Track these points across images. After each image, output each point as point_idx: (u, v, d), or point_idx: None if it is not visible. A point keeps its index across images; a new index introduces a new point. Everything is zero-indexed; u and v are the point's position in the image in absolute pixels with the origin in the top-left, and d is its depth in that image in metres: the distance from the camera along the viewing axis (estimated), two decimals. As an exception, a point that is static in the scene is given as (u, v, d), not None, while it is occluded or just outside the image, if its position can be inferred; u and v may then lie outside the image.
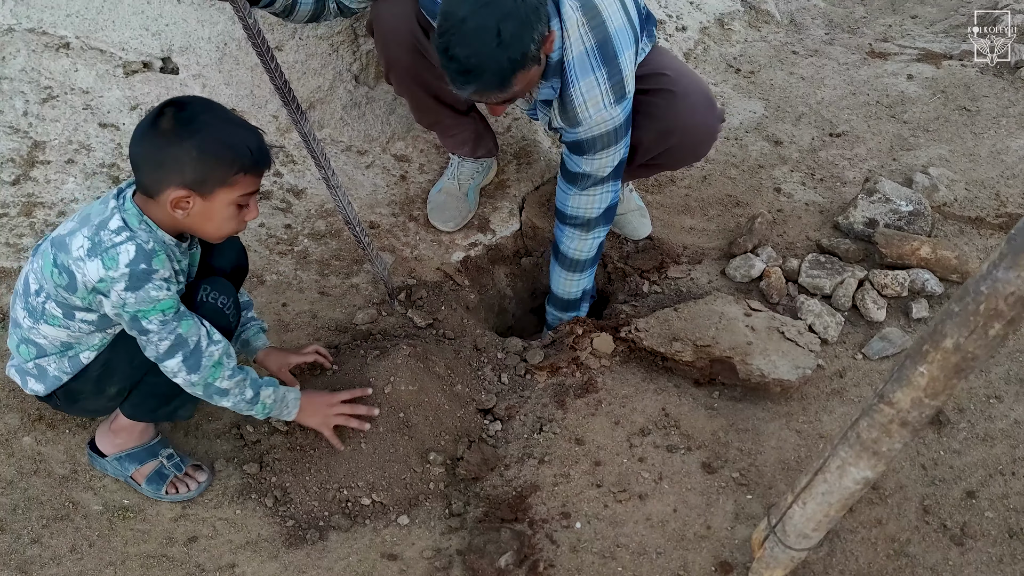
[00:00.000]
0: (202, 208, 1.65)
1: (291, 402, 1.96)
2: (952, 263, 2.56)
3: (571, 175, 2.29)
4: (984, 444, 2.17)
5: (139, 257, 1.61)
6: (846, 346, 2.45)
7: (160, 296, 1.64)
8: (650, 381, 2.36)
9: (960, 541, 1.96)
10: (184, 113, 1.59)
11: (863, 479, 1.47)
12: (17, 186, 2.38)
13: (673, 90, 2.23)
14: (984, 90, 3.61)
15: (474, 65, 1.82)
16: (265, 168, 1.71)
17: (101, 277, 1.60)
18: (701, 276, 2.70)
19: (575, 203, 2.34)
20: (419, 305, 2.54)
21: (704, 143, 2.40)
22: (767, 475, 2.11)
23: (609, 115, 2.11)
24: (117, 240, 1.61)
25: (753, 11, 4.25)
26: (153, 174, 1.61)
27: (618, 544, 1.95)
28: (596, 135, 2.15)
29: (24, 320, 1.77)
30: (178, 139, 1.57)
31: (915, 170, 3.09)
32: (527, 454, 2.17)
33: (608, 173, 2.26)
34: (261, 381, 1.89)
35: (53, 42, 2.44)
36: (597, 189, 2.30)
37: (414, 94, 2.46)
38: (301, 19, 2.22)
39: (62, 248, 1.64)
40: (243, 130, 1.66)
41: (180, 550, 1.89)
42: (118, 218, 1.63)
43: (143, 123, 1.60)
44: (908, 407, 1.29)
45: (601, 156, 2.21)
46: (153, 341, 1.69)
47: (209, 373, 1.77)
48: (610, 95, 2.08)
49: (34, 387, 1.86)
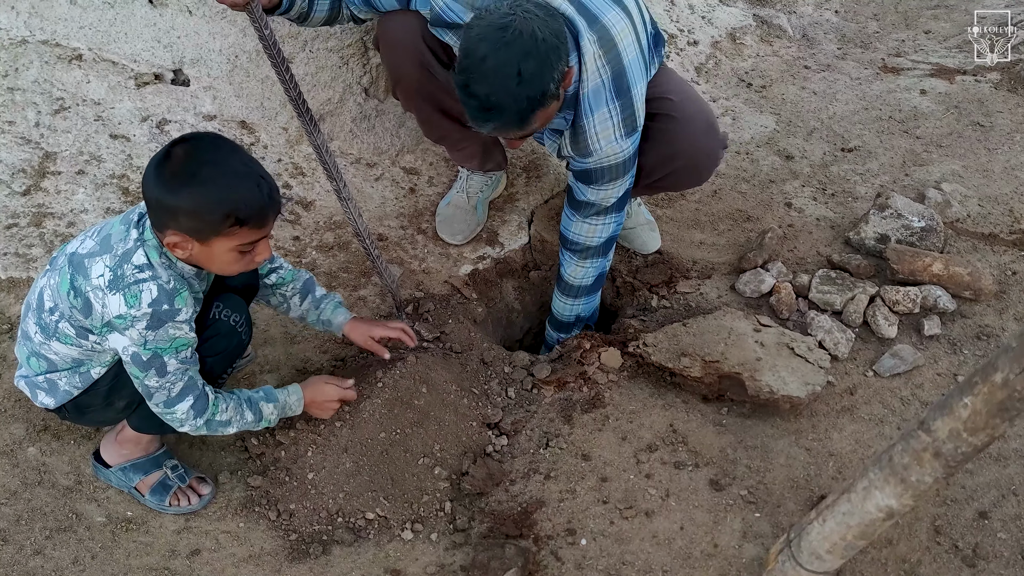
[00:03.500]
0: (201, 251, 1.64)
1: (294, 405, 1.99)
2: (965, 280, 2.53)
3: (576, 202, 2.31)
4: (997, 464, 2.14)
5: (161, 297, 1.62)
6: (857, 363, 2.43)
7: (178, 334, 1.66)
8: (658, 396, 2.34)
9: (972, 563, 1.93)
10: (188, 160, 1.56)
11: (886, 507, 1.44)
12: (28, 196, 2.39)
13: (675, 115, 2.23)
14: (998, 105, 3.58)
15: (494, 104, 1.82)
16: (266, 220, 1.66)
17: (121, 314, 1.60)
18: (710, 291, 2.68)
19: (577, 230, 2.36)
20: (426, 318, 2.53)
21: (706, 169, 2.40)
22: (776, 493, 2.08)
23: (620, 148, 2.12)
24: (140, 277, 1.61)
25: (765, 25, 4.25)
26: (155, 215, 1.62)
27: (624, 562, 1.93)
28: (605, 167, 2.17)
29: (35, 335, 1.77)
30: (177, 188, 1.55)
31: (928, 185, 3.06)
32: (533, 469, 2.15)
33: (612, 203, 2.28)
34: (257, 397, 1.91)
35: (66, 54, 2.45)
36: (599, 219, 2.32)
37: (421, 109, 2.46)
38: (316, 24, 2.25)
39: (80, 270, 1.64)
40: (247, 182, 1.60)
41: (183, 563, 1.88)
42: (142, 253, 1.63)
43: (153, 161, 1.59)
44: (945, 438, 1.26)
45: (608, 187, 2.23)
46: (165, 386, 1.70)
47: (211, 412, 1.80)
48: (622, 128, 2.09)
49: (44, 400, 1.86)
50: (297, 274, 2.13)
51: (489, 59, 1.78)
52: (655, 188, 2.51)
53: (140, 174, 2.47)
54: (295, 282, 2.11)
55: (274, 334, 2.42)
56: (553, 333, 2.67)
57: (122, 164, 2.51)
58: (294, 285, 2.11)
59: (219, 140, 1.65)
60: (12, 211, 2.37)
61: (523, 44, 1.77)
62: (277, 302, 2.14)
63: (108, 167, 2.49)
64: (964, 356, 2.42)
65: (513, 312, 2.88)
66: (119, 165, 2.51)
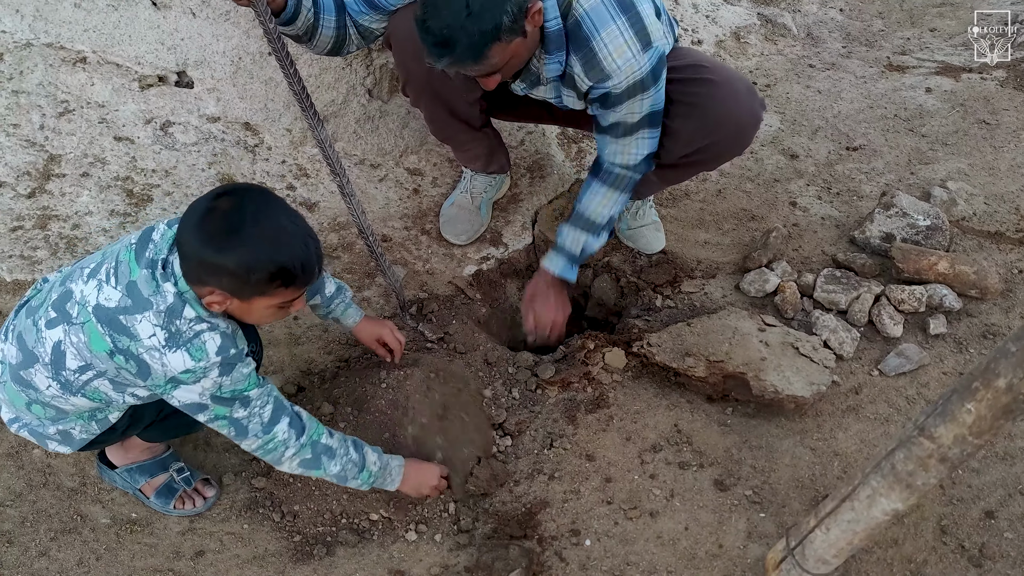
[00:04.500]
0: (239, 307, 1.58)
1: (394, 471, 1.92)
2: (971, 278, 2.52)
3: (602, 128, 2.22)
4: (1003, 463, 2.13)
5: (226, 343, 1.57)
6: (862, 362, 2.42)
7: (249, 370, 1.63)
8: (662, 396, 2.33)
9: (978, 562, 1.92)
10: (232, 217, 1.48)
11: (892, 510, 1.44)
12: (33, 199, 2.40)
13: (713, 79, 2.17)
14: (1004, 103, 3.57)
15: (446, 36, 1.79)
16: (310, 282, 1.61)
17: (189, 368, 1.54)
18: (715, 291, 2.67)
19: (611, 151, 2.26)
20: (430, 319, 2.53)
21: (748, 131, 2.29)
22: (781, 493, 2.08)
23: (638, 64, 2.01)
24: (198, 329, 1.55)
25: (770, 24, 4.23)
26: (195, 271, 1.53)
27: (628, 562, 1.92)
28: (625, 87, 2.06)
29: (48, 389, 1.64)
30: (223, 248, 1.48)
31: (933, 184, 3.05)
32: (537, 470, 2.15)
33: (640, 120, 2.16)
34: (362, 443, 1.84)
35: (70, 56, 2.45)
36: (633, 138, 2.21)
37: (430, 107, 2.45)
38: (322, 48, 2.19)
39: (120, 331, 1.54)
40: (296, 241, 1.54)
41: (187, 564, 1.89)
42: (189, 308, 1.55)
43: (195, 213, 1.50)
44: (950, 443, 1.26)
45: (634, 104, 2.11)
46: (255, 411, 1.65)
47: (313, 430, 1.74)
48: (636, 42, 1.99)
49: (58, 448, 1.78)
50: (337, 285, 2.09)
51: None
52: (691, 165, 2.40)
53: (144, 176, 2.48)
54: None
55: (278, 335, 2.42)
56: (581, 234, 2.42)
57: (126, 166, 2.51)
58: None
59: (264, 195, 1.56)
60: (17, 213, 2.37)
61: None
62: None
63: (113, 169, 2.50)
64: (970, 355, 2.41)
65: (517, 313, 2.88)
66: (123, 167, 2.51)
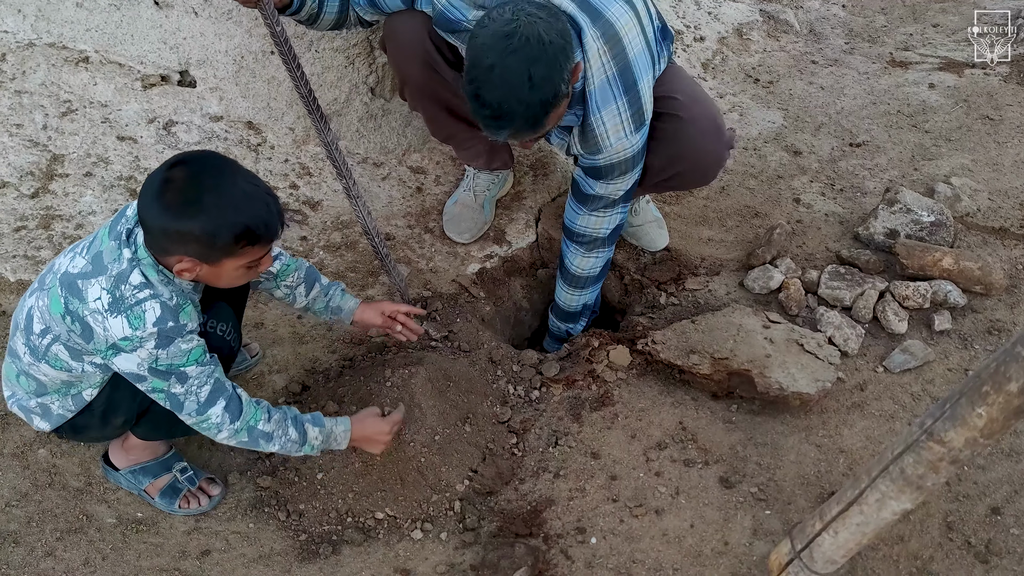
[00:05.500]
0: (209, 271, 1.63)
1: (340, 436, 1.91)
2: (975, 274, 2.51)
3: (584, 196, 2.30)
4: (1009, 459, 2.12)
5: (165, 315, 1.59)
6: (867, 359, 2.41)
7: (190, 347, 1.63)
8: (667, 394, 2.33)
9: (985, 559, 1.91)
10: (189, 185, 1.52)
11: (902, 511, 1.44)
12: (36, 199, 2.40)
13: (681, 116, 2.22)
14: (1007, 98, 3.56)
15: (506, 111, 1.81)
16: (274, 239, 1.65)
17: (127, 336, 1.57)
18: (719, 288, 2.67)
19: (584, 222, 2.36)
20: (434, 317, 2.53)
21: (711, 169, 2.39)
22: (786, 490, 2.08)
23: (629, 143, 2.12)
24: (141, 297, 1.57)
25: (772, 21, 4.23)
26: (160, 242, 1.58)
27: (634, 560, 1.92)
28: (615, 162, 2.16)
29: (24, 356, 1.74)
30: (181, 217, 1.52)
31: (937, 180, 3.05)
32: (542, 468, 2.15)
33: (620, 196, 2.28)
34: (302, 419, 1.85)
35: (73, 56, 2.45)
36: (608, 211, 2.32)
37: (428, 109, 2.46)
38: (325, 27, 2.26)
39: (74, 293, 1.60)
40: (252, 202, 1.58)
41: (193, 564, 1.89)
42: (138, 273, 1.59)
43: (151, 185, 1.54)
44: (961, 446, 1.26)
45: (617, 181, 2.23)
46: (193, 390, 1.66)
47: (251, 415, 1.75)
48: (631, 124, 2.08)
49: (40, 425, 1.84)
50: (298, 263, 2.07)
51: (497, 68, 1.77)
52: (662, 187, 2.50)
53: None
54: (298, 271, 2.05)
55: (283, 334, 2.42)
56: (560, 324, 2.67)
57: (129, 166, 2.51)
58: (297, 274, 2.05)
59: (218, 159, 1.60)
60: (21, 214, 2.37)
61: (530, 50, 1.77)
62: (283, 294, 2.07)
63: (116, 169, 2.50)
64: (975, 351, 2.41)
65: (521, 310, 2.88)
66: (126, 167, 2.51)
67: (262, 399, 1.82)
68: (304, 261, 2.11)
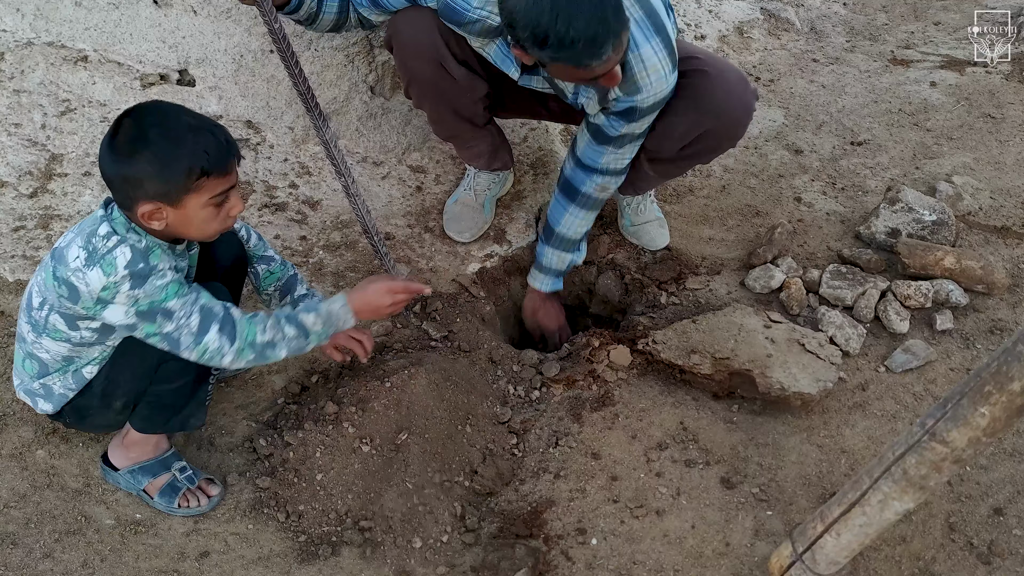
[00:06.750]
0: (176, 216, 1.64)
1: (340, 312, 1.88)
2: (977, 273, 2.50)
3: (608, 138, 2.27)
4: (1012, 459, 2.12)
5: (136, 257, 1.62)
6: (868, 358, 2.41)
7: (166, 282, 1.65)
8: (668, 394, 2.32)
9: (987, 560, 1.91)
10: (136, 127, 1.58)
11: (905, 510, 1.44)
12: (35, 199, 2.39)
13: (707, 70, 2.21)
14: (1009, 97, 3.55)
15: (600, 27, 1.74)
16: (229, 165, 1.66)
17: (104, 284, 1.60)
18: (720, 287, 2.66)
19: (608, 160, 2.33)
20: (434, 317, 2.52)
21: (741, 121, 2.34)
22: (788, 491, 2.07)
23: (667, 83, 2.11)
24: (110, 245, 1.62)
25: (773, 19, 4.21)
26: (120, 192, 1.63)
27: (635, 561, 1.91)
28: (651, 103, 2.14)
29: (28, 334, 1.79)
30: (132, 156, 1.57)
31: (939, 179, 3.04)
32: (542, 468, 2.14)
33: (644, 130, 2.27)
34: (295, 313, 1.84)
35: (71, 55, 2.44)
36: (633, 143, 2.30)
37: (434, 107, 2.44)
38: (323, 28, 2.25)
39: (60, 260, 1.65)
40: (198, 133, 1.61)
41: (192, 565, 1.88)
42: (106, 225, 1.64)
43: (104, 140, 1.60)
44: (964, 446, 1.26)
45: (646, 119, 2.21)
46: (182, 323, 1.67)
47: (247, 332, 1.75)
48: (668, 62, 2.07)
49: (43, 407, 1.88)
50: (283, 271, 2.11)
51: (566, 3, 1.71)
52: (687, 157, 2.43)
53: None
54: (280, 280, 2.11)
55: (282, 334, 2.41)
56: (564, 254, 2.58)
57: (128, 165, 2.51)
58: (277, 283, 2.11)
59: (162, 104, 1.67)
60: (19, 213, 2.36)
61: None
62: (265, 299, 2.15)
63: (114, 168, 2.49)
64: (977, 351, 2.40)
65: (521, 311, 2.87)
66: (125, 166, 2.50)
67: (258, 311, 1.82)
68: (291, 268, 2.13)
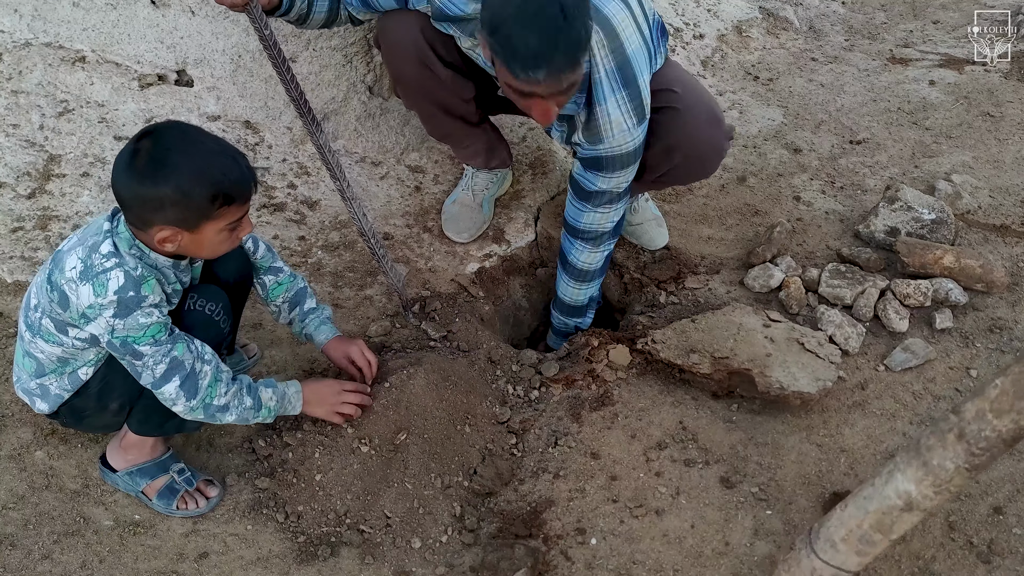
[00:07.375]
0: (190, 239, 1.65)
1: (293, 397, 1.97)
2: (977, 272, 2.50)
3: (587, 193, 2.27)
4: (1011, 458, 2.11)
5: (128, 284, 1.61)
6: (868, 357, 2.40)
7: (149, 322, 1.64)
8: (667, 394, 2.32)
9: (987, 559, 1.90)
10: (158, 150, 1.56)
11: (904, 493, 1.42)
12: (33, 200, 2.39)
13: (677, 107, 2.21)
14: (1008, 95, 3.55)
15: (545, 47, 1.71)
16: (249, 193, 1.68)
17: (91, 303, 1.60)
18: (719, 286, 2.66)
19: (588, 220, 2.33)
20: (433, 317, 2.52)
21: (710, 159, 2.37)
22: (787, 490, 2.07)
23: (631, 136, 2.11)
24: (107, 265, 1.61)
25: (771, 18, 4.21)
26: (135, 213, 1.61)
27: (634, 561, 1.91)
28: (616, 155, 2.15)
29: (25, 333, 1.79)
30: (155, 182, 1.55)
31: (938, 177, 3.03)
32: (542, 468, 2.14)
33: (623, 190, 2.27)
34: (256, 385, 1.88)
35: (69, 56, 2.44)
36: (611, 205, 2.30)
37: (423, 107, 2.45)
38: (315, 26, 2.27)
39: (58, 265, 1.65)
40: (221, 160, 1.61)
41: (191, 566, 1.88)
42: (109, 242, 1.63)
43: (122, 159, 1.58)
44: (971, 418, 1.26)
45: (618, 175, 2.20)
46: (148, 366, 1.68)
47: (206, 394, 1.76)
48: (632, 117, 2.07)
49: (40, 407, 1.87)
50: (293, 281, 2.12)
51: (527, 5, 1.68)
52: (661, 183, 2.49)
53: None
54: (289, 291, 2.11)
55: (281, 335, 2.41)
56: (567, 320, 2.62)
57: (126, 166, 2.50)
58: (286, 295, 2.11)
59: (183, 126, 1.66)
60: (17, 214, 2.36)
61: None
62: (273, 310, 2.15)
63: (113, 169, 2.49)
64: (977, 349, 2.40)
65: (520, 310, 2.87)
66: (123, 167, 2.50)
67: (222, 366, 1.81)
68: (301, 280, 2.14)
